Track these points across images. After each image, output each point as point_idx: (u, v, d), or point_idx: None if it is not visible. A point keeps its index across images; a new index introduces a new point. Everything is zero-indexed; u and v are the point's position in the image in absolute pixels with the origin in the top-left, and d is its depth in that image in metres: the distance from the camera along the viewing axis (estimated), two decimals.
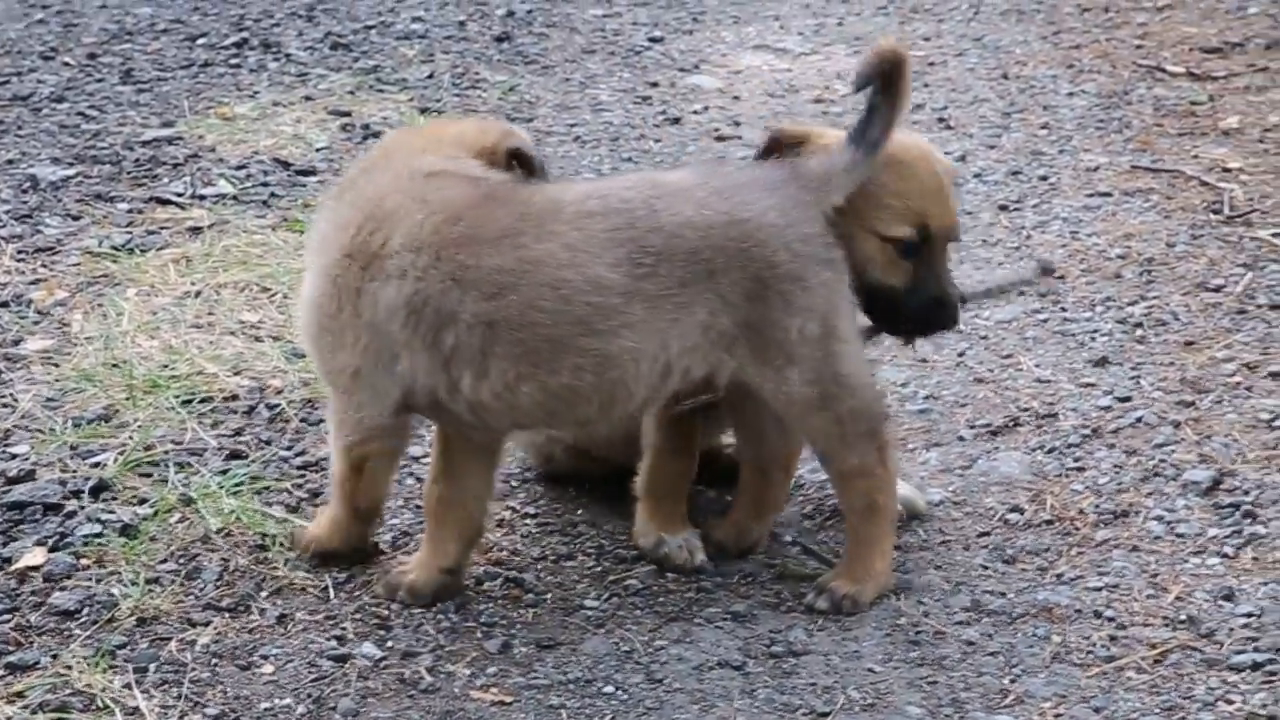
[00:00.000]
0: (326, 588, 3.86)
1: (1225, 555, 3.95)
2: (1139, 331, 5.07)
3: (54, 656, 3.58)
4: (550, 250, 3.57)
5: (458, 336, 3.57)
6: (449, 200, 3.65)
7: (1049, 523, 4.14)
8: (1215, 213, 5.87)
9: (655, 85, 7.58)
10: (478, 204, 3.66)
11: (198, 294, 5.27)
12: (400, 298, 3.58)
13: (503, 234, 3.59)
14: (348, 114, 7.00)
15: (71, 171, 6.34)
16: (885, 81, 3.67)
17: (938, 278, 3.85)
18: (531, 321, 3.55)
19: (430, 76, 7.58)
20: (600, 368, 3.59)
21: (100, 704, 3.44)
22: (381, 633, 3.71)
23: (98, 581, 3.84)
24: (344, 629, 3.72)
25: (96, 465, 4.31)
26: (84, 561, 3.91)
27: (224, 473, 4.28)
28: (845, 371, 3.67)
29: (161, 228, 5.80)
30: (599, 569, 3.97)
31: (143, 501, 4.16)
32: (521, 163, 3.89)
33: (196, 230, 5.76)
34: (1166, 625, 3.72)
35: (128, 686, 3.50)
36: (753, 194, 3.66)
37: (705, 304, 3.60)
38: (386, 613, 3.77)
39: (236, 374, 4.77)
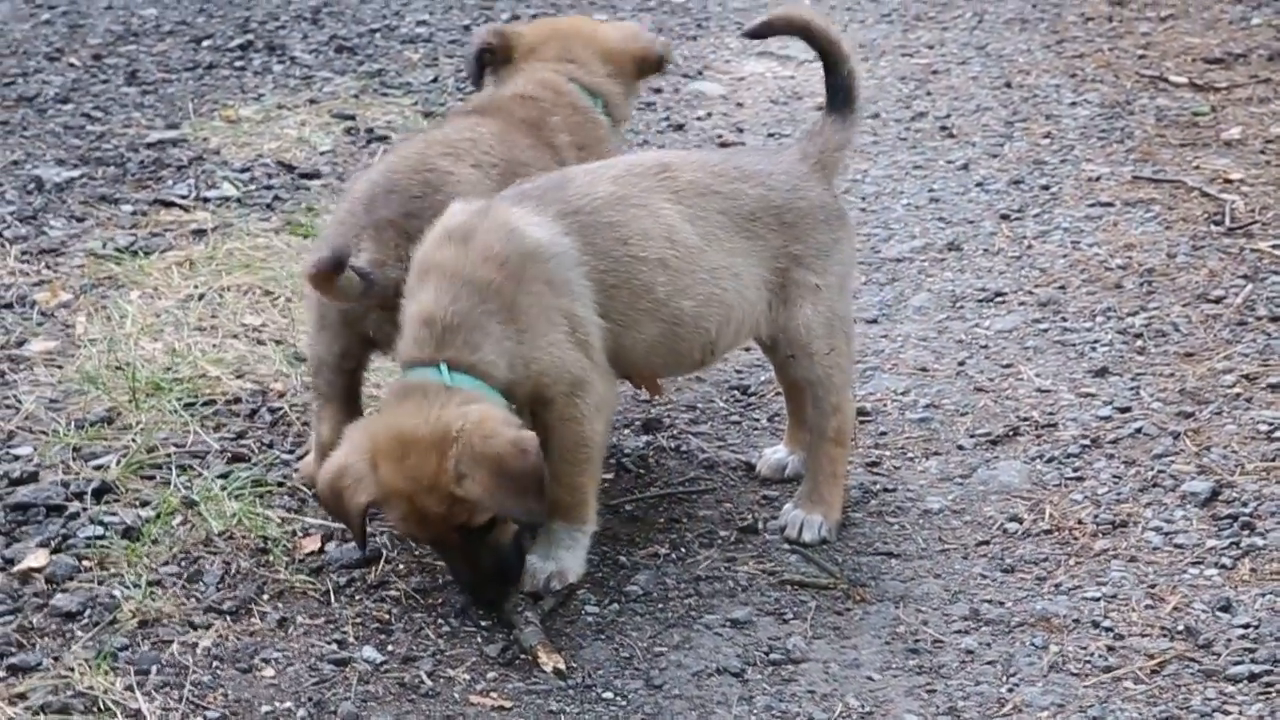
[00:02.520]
0: (327, 591, 3.87)
1: (1223, 566, 3.97)
2: (1139, 342, 5.08)
3: (56, 658, 3.59)
4: None
5: None
6: None
7: (1048, 532, 4.16)
8: (1216, 224, 5.87)
9: (659, 91, 7.59)
10: None
11: (201, 297, 5.28)
12: None
13: None
14: (352, 117, 7.02)
15: (76, 173, 6.36)
16: None
17: None
18: None
19: (434, 80, 7.60)
20: None
21: (102, 706, 3.45)
22: (382, 637, 3.72)
23: (100, 583, 3.85)
24: (345, 633, 3.73)
25: (99, 467, 4.32)
26: (86, 563, 3.93)
27: (226, 476, 4.29)
28: None
29: (165, 230, 5.82)
30: (599, 574, 3.98)
31: (145, 504, 4.18)
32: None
33: (200, 233, 5.78)
34: (1164, 636, 3.74)
35: (129, 689, 3.51)
36: None
37: None
38: (387, 617, 3.79)
39: (239, 377, 4.79)
